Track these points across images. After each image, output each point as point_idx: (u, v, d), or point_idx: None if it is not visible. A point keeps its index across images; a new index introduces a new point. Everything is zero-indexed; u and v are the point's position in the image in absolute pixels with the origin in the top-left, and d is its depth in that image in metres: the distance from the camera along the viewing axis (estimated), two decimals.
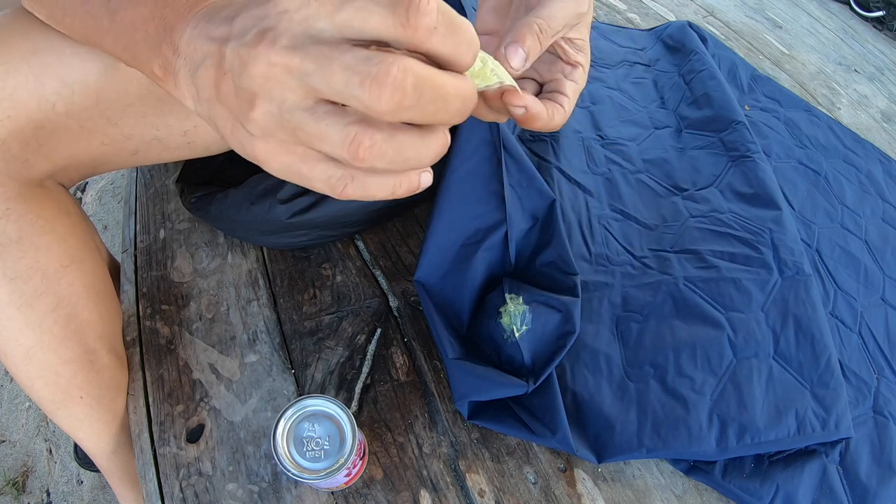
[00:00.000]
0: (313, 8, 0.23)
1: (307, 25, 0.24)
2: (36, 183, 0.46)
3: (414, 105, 0.23)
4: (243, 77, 0.25)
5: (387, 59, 0.22)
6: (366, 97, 0.22)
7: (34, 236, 0.46)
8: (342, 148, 0.24)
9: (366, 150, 0.24)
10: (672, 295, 0.61)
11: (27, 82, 0.40)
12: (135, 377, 0.58)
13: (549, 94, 0.40)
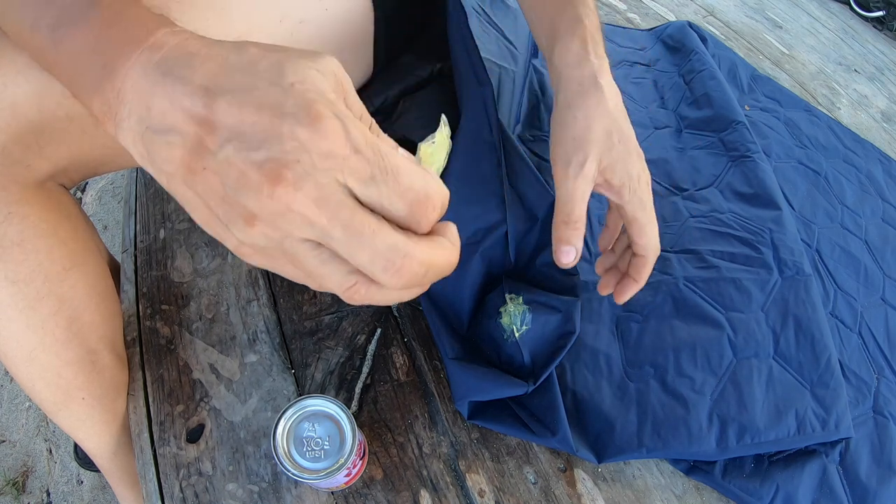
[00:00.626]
0: (348, 164, 0.24)
1: (335, 176, 0.24)
2: (37, 185, 0.46)
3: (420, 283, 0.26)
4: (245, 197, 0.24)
5: (410, 253, 0.25)
6: (383, 278, 0.25)
7: (36, 239, 0.46)
8: (339, 289, 0.26)
9: (361, 296, 0.26)
10: (672, 295, 0.61)
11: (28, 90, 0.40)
12: (135, 377, 0.58)
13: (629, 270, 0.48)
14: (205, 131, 0.24)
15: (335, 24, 0.56)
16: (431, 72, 0.66)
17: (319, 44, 0.56)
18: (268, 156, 0.23)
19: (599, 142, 0.44)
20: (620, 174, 0.44)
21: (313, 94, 0.24)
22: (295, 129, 0.23)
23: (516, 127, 0.72)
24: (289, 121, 0.24)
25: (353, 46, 0.60)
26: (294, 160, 0.23)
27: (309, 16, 0.53)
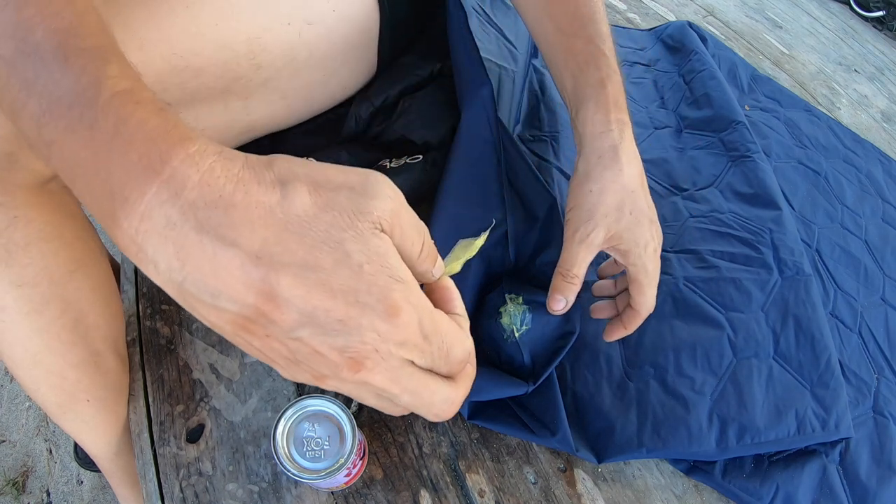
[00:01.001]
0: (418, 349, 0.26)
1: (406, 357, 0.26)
2: (41, 188, 0.46)
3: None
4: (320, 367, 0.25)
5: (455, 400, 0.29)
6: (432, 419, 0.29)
7: (41, 243, 0.45)
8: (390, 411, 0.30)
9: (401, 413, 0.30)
10: (672, 295, 0.61)
11: None
12: (135, 377, 0.58)
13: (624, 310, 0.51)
14: (269, 308, 0.24)
15: (342, 25, 0.56)
16: (432, 72, 0.66)
17: (327, 45, 0.56)
18: (347, 344, 0.24)
19: (610, 215, 0.47)
20: (627, 242, 0.47)
21: (385, 278, 0.25)
22: (374, 322, 0.24)
23: (516, 127, 0.72)
24: (367, 313, 0.24)
25: (358, 47, 0.60)
26: (373, 350, 0.25)
27: (316, 17, 0.54)
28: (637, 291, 0.49)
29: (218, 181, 0.24)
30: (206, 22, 0.47)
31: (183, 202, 0.23)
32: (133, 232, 0.24)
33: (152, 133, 0.25)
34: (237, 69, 0.50)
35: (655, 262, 0.49)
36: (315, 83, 0.59)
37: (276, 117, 0.60)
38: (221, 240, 0.23)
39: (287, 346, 0.25)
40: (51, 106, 0.25)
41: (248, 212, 0.24)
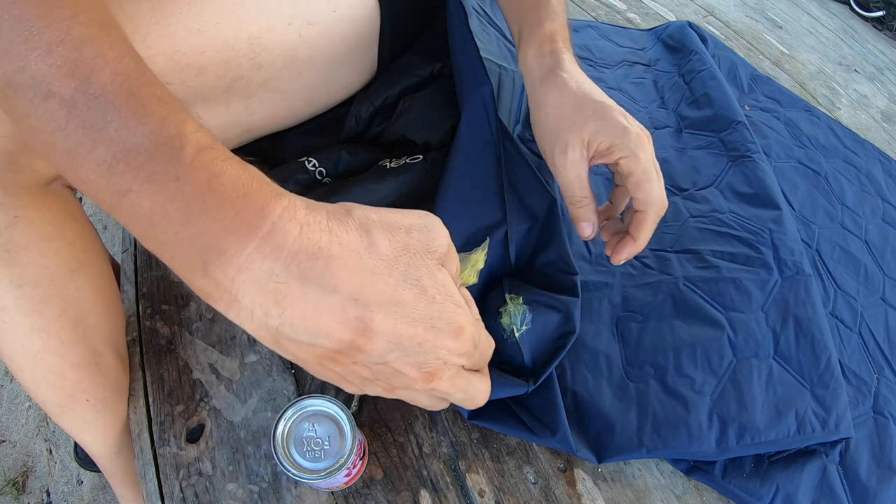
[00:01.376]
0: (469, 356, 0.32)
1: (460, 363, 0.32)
2: (43, 188, 0.46)
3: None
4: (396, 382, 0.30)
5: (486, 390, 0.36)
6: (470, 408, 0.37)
7: (42, 242, 0.45)
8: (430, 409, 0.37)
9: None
10: (672, 295, 0.61)
11: None
12: (135, 377, 0.58)
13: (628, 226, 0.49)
14: (363, 341, 0.28)
15: (343, 25, 0.56)
16: (432, 72, 0.66)
17: (328, 45, 0.56)
18: (425, 361, 0.30)
19: (575, 123, 0.46)
20: (604, 139, 0.45)
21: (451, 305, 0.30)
22: (445, 342, 0.30)
23: (516, 127, 0.72)
24: (440, 335, 0.29)
25: (359, 47, 0.60)
26: (442, 363, 0.30)
27: (317, 18, 0.54)
28: (635, 187, 0.46)
29: (314, 234, 0.27)
30: (208, 20, 0.47)
31: (286, 256, 0.26)
32: (228, 282, 0.26)
33: (246, 189, 0.26)
34: (238, 69, 0.50)
35: (644, 149, 0.45)
36: (316, 83, 0.59)
37: (277, 117, 0.60)
38: (323, 287, 0.26)
39: (371, 369, 0.29)
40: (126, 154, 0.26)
41: (345, 261, 0.27)
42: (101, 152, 0.26)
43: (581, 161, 0.47)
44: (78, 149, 0.26)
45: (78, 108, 0.26)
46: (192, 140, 0.27)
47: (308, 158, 0.61)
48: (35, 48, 0.26)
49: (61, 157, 0.27)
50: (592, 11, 1.05)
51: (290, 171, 0.60)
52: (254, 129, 0.59)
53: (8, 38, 0.26)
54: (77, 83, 0.26)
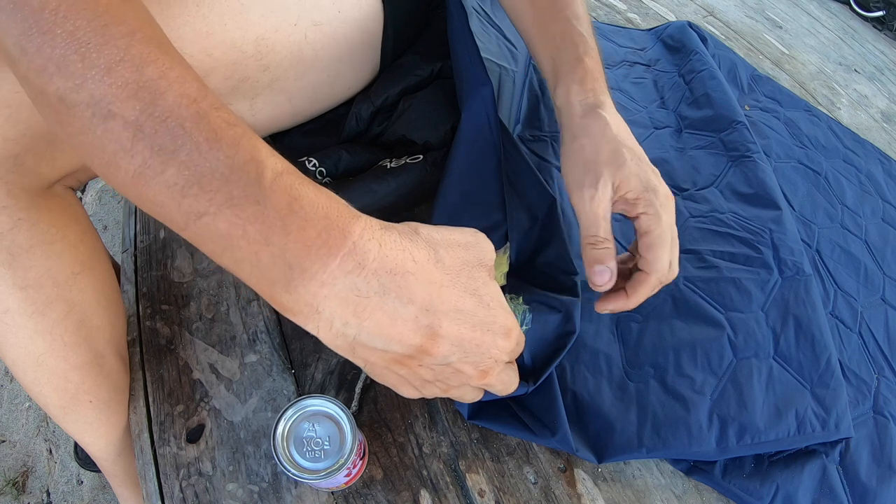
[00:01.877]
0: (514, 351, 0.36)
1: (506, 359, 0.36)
2: (47, 191, 0.46)
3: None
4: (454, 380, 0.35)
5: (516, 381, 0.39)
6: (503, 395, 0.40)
7: (45, 245, 0.45)
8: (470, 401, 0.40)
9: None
10: (672, 295, 0.61)
11: None
12: (135, 377, 0.58)
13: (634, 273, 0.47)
14: (430, 344, 0.31)
15: (348, 26, 0.56)
16: (432, 71, 0.66)
17: (333, 45, 0.56)
18: (481, 360, 0.34)
19: (610, 161, 0.45)
20: (635, 187, 0.44)
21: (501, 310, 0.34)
22: (497, 342, 0.34)
23: (516, 127, 0.72)
24: (494, 336, 0.34)
25: (363, 47, 0.60)
26: (495, 360, 0.35)
27: (323, 18, 0.54)
28: (646, 247, 0.44)
29: (392, 252, 0.30)
30: (216, 21, 0.47)
31: (367, 272, 0.29)
32: (310, 297, 0.28)
33: (326, 211, 0.29)
34: (245, 70, 0.50)
35: (671, 213, 0.45)
36: (320, 84, 0.59)
37: (281, 118, 0.60)
38: (401, 299, 0.30)
39: (433, 370, 0.33)
40: (200, 178, 0.27)
41: (418, 276, 0.30)
42: (171, 175, 0.27)
43: (608, 200, 0.45)
44: (146, 171, 0.27)
45: (144, 130, 0.26)
46: (269, 164, 0.28)
47: (308, 158, 0.61)
48: (93, 66, 0.26)
49: (124, 177, 0.27)
50: (592, 11, 1.05)
51: None
52: (257, 130, 0.59)
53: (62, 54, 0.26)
54: (142, 105, 0.26)
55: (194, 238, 0.28)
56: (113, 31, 0.27)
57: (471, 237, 0.35)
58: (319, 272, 0.28)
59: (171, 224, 0.28)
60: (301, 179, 0.29)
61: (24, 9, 0.26)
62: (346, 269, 0.28)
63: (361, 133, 0.66)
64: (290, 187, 0.28)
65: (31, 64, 0.26)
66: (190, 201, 0.27)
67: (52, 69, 0.26)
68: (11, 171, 0.41)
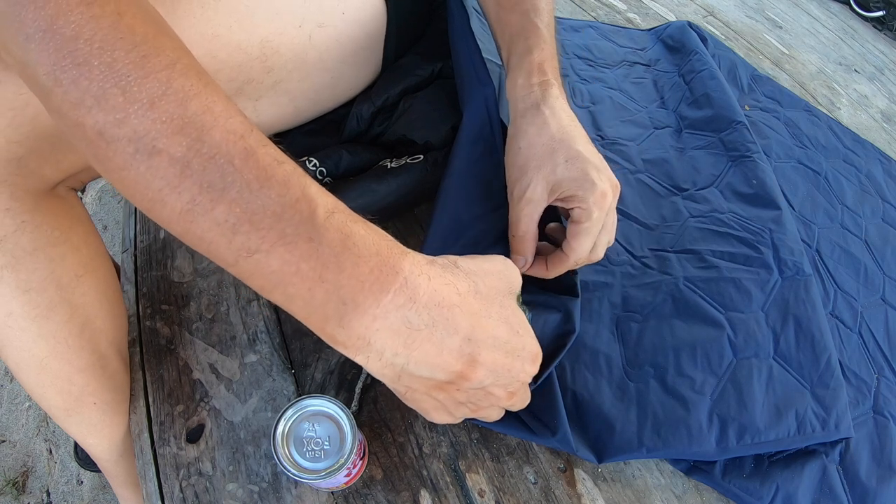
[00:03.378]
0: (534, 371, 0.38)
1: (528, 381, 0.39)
2: (50, 193, 0.46)
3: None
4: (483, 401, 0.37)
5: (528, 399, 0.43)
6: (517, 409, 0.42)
7: (49, 247, 0.45)
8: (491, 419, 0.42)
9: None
10: (672, 295, 0.61)
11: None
12: (135, 377, 0.58)
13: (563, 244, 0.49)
14: (469, 371, 0.33)
15: (351, 27, 0.56)
16: (433, 71, 0.66)
17: (336, 46, 0.56)
18: (510, 383, 0.36)
19: (544, 167, 0.47)
20: (568, 187, 0.46)
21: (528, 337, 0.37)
22: (525, 366, 0.36)
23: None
24: (523, 362, 0.36)
25: (365, 48, 0.60)
26: (521, 382, 0.38)
27: (327, 20, 0.54)
28: (574, 234, 0.47)
29: (440, 286, 0.32)
30: (221, 23, 0.47)
31: (419, 305, 0.30)
32: (363, 329, 0.30)
33: (378, 248, 0.30)
34: (250, 72, 0.50)
35: (601, 209, 0.46)
36: (323, 85, 0.59)
37: (283, 118, 0.60)
38: (447, 330, 0.31)
39: (468, 394, 0.35)
40: (252, 215, 0.27)
41: (462, 308, 0.32)
42: (221, 213, 0.27)
43: (539, 202, 0.47)
44: (195, 208, 0.27)
45: (192, 167, 0.26)
46: (320, 202, 0.29)
47: (309, 158, 0.61)
48: (134, 101, 0.26)
49: (170, 213, 0.27)
50: (592, 11, 1.05)
51: None
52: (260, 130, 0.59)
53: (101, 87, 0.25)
54: (189, 142, 0.26)
55: (243, 274, 0.29)
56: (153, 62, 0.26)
57: (501, 265, 0.37)
58: (372, 307, 0.29)
59: (218, 260, 0.29)
60: (352, 217, 0.30)
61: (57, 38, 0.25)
62: (397, 303, 0.30)
63: (362, 133, 0.66)
64: (343, 225, 0.29)
65: (67, 96, 0.26)
66: (242, 238, 0.27)
67: (91, 102, 0.26)
68: (15, 173, 0.41)
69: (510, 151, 0.50)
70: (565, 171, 0.46)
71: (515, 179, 0.48)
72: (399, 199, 0.60)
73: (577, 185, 0.46)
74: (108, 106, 0.26)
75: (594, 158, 0.47)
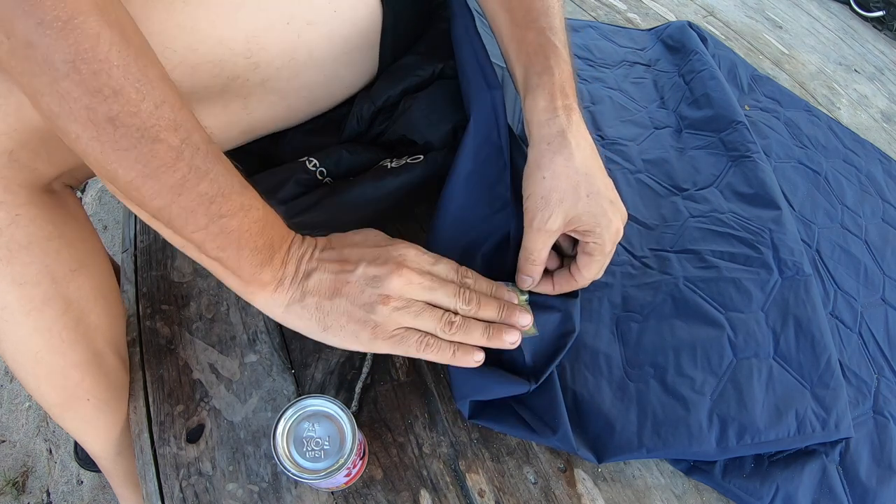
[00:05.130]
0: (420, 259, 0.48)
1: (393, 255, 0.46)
2: (45, 188, 0.46)
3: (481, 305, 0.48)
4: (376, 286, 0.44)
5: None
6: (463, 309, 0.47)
7: (43, 242, 0.45)
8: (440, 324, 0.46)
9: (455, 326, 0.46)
10: (672, 295, 0.61)
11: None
12: (135, 377, 0.58)
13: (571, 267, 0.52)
14: (341, 266, 0.45)
15: (343, 26, 0.55)
16: (433, 72, 0.66)
17: (327, 45, 0.55)
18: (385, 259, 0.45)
19: (566, 200, 0.48)
20: (587, 223, 0.48)
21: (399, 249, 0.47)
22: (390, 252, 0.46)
23: (518, 126, 0.72)
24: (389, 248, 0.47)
25: (360, 48, 0.59)
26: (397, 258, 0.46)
27: (317, 18, 0.53)
28: (585, 264, 0.49)
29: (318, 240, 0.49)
30: (202, 17, 0.46)
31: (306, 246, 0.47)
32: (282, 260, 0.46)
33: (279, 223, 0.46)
34: (234, 68, 0.50)
35: (616, 241, 0.49)
36: (315, 84, 0.59)
37: (277, 117, 0.60)
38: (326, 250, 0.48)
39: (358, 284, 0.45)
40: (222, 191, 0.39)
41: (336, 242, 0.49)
42: (205, 187, 0.37)
43: (556, 233, 0.49)
44: (185, 183, 0.36)
45: (184, 155, 0.36)
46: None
47: (309, 158, 0.61)
48: (144, 99, 0.34)
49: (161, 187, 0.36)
50: (592, 11, 1.05)
51: (291, 171, 0.60)
52: (254, 129, 0.59)
53: (119, 82, 0.33)
54: (182, 136, 0.36)
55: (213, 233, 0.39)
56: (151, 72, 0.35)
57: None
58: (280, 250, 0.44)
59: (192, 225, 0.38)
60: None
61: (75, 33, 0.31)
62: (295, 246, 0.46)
63: (362, 133, 0.65)
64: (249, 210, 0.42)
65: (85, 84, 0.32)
66: (216, 206, 0.38)
67: (108, 93, 0.33)
68: (6, 166, 0.41)
69: (532, 179, 0.49)
70: (586, 206, 0.47)
71: (536, 209, 0.49)
72: (399, 199, 0.60)
73: (594, 222, 0.48)
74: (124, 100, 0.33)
75: (610, 193, 0.49)
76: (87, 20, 0.31)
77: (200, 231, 0.38)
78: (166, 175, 0.35)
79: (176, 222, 0.38)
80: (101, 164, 0.36)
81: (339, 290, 0.44)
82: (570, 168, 0.48)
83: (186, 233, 0.39)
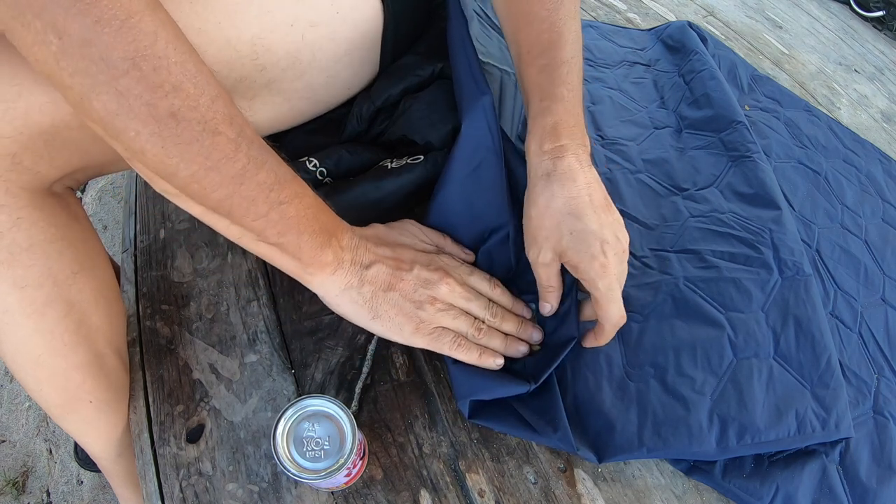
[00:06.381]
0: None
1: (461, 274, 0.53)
2: (47, 190, 0.46)
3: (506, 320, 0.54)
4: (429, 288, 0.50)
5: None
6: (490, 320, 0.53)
7: (45, 244, 0.45)
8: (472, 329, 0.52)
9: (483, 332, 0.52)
10: (672, 295, 0.61)
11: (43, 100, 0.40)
12: (135, 377, 0.58)
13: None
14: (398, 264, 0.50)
15: (346, 26, 0.56)
16: (433, 72, 0.66)
17: (330, 46, 0.56)
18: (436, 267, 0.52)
19: (551, 237, 0.50)
20: (573, 258, 0.49)
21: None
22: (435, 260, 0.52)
23: (518, 127, 0.72)
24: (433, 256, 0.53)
25: (362, 48, 0.60)
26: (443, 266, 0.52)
27: (320, 19, 0.53)
28: (596, 305, 0.50)
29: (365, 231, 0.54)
30: (209, 19, 0.47)
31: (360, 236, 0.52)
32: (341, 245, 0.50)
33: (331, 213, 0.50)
34: (241, 69, 0.50)
35: (606, 278, 0.49)
36: (318, 84, 0.59)
37: (280, 118, 0.60)
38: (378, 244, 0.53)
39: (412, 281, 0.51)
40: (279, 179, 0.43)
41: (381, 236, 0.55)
42: (263, 176, 0.40)
43: (552, 265, 0.52)
44: (245, 173, 0.39)
45: (242, 146, 0.39)
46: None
47: (309, 158, 0.61)
48: (203, 93, 0.36)
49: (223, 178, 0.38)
50: (592, 11, 1.05)
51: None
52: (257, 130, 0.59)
53: (178, 78, 0.34)
54: (237, 129, 0.38)
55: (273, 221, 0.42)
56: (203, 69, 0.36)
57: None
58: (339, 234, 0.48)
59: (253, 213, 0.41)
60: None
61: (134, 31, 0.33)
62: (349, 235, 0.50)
63: (362, 133, 0.65)
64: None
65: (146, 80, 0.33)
66: (276, 194, 0.41)
67: (168, 88, 0.34)
68: (10, 169, 0.41)
69: (525, 214, 0.53)
70: (569, 242, 0.49)
71: (529, 245, 0.53)
72: (399, 199, 0.60)
73: (578, 258, 0.49)
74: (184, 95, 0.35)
75: (600, 230, 0.49)
76: (143, 19, 0.33)
77: (261, 219, 0.41)
78: (227, 166, 0.38)
79: (237, 212, 0.40)
80: (161, 160, 0.36)
81: (395, 285, 0.48)
82: (552, 209, 0.50)
83: (247, 221, 0.41)
